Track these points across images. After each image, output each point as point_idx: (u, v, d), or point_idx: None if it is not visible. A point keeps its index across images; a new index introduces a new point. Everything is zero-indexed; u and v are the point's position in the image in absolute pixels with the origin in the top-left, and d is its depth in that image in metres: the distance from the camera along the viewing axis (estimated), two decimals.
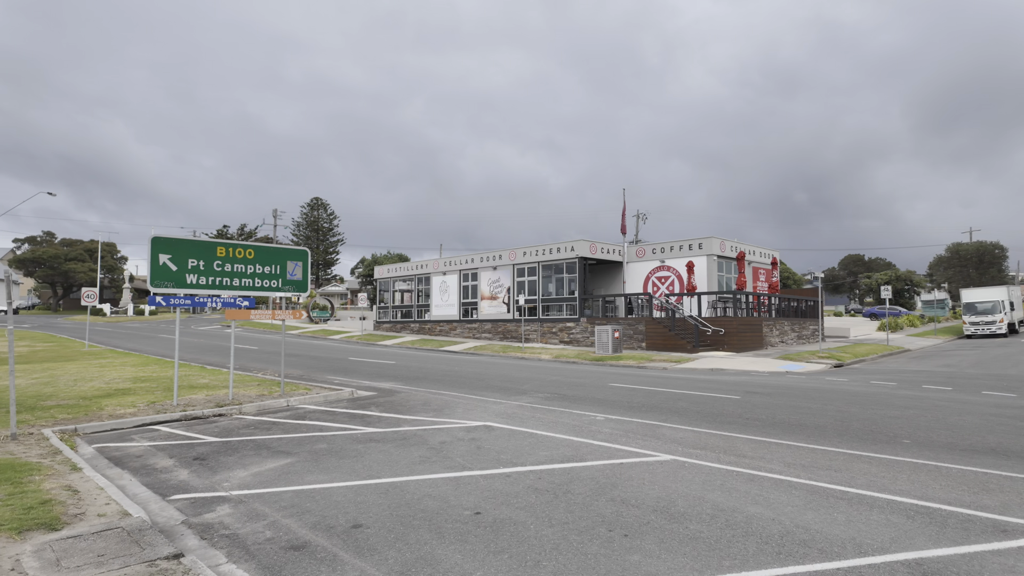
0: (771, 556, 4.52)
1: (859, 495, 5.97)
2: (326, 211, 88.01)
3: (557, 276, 34.48)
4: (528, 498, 5.98)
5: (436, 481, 6.62)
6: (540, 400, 12.81)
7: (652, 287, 33.46)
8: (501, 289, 37.29)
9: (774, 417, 10.52)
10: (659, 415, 10.80)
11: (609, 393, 13.90)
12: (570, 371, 20.01)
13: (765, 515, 5.41)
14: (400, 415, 10.92)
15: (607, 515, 5.46)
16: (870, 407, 11.64)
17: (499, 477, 6.74)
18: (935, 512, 5.44)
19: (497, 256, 37.94)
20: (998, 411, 11.17)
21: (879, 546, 4.67)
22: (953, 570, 4.21)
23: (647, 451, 7.92)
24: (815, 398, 12.93)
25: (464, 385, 15.72)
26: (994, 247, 71.48)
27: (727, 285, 32.83)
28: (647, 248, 34.95)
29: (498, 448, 8.14)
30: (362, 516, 5.54)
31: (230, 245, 12.32)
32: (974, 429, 9.35)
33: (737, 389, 14.56)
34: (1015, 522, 5.17)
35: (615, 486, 6.34)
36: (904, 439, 8.66)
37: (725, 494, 6.04)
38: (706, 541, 4.83)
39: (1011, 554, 4.47)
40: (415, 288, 43.89)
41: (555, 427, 9.66)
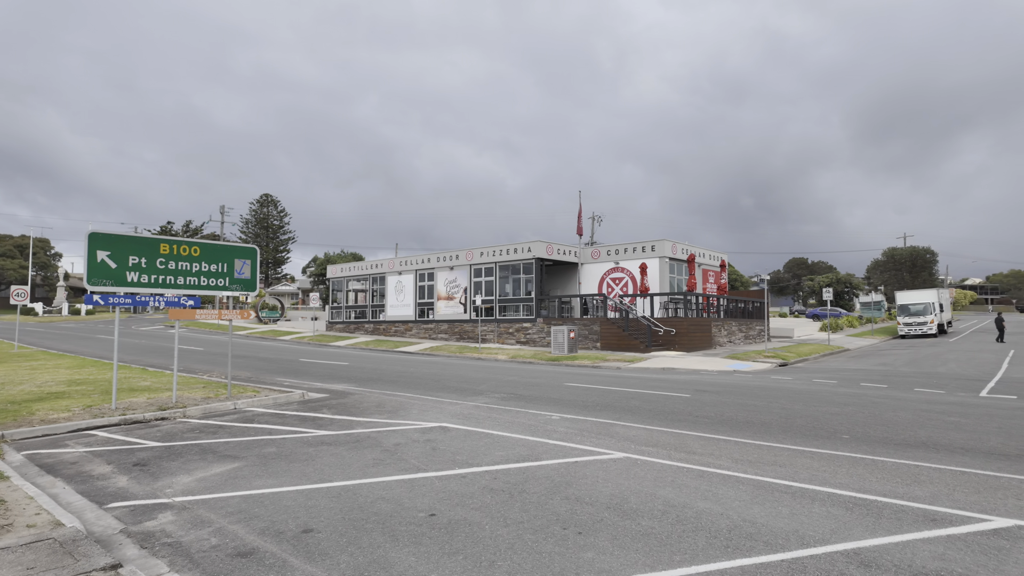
0: (719, 550, 4.64)
1: (802, 489, 6.21)
2: (276, 208, 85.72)
3: (514, 277, 34.58)
4: (483, 498, 5.97)
5: (390, 483, 6.53)
6: (496, 400, 12.81)
7: (607, 288, 33.96)
8: (458, 289, 37.13)
9: (722, 415, 10.83)
10: (613, 414, 10.96)
11: (565, 393, 14.02)
12: (526, 371, 20.09)
13: (714, 510, 5.56)
14: (353, 417, 10.73)
15: (562, 513, 5.50)
16: (812, 404, 12.13)
17: (454, 478, 6.70)
18: (871, 504, 5.71)
19: (454, 256, 37.76)
20: (929, 407, 11.82)
21: (820, 537, 4.86)
22: (888, 559, 4.43)
23: (601, 449, 8.03)
24: (761, 396, 13.38)
25: (420, 386, 15.58)
26: (926, 252, 75.73)
27: (678, 286, 33.63)
28: (602, 250, 35.44)
29: (454, 449, 8.10)
30: (313, 520, 5.41)
31: (174, 242, 11.85)
32: (907, 425, 9.86)
33: (688, 388, 14.93)
34: (943, 511, 5.47)
35: (570, 484, 6.40)
36: (843, 435, 9.05)
37: (676, 490, 6.18)
38: (658, 537, 4.93)
39: (940, 542, 4.73)
40: (370, 288, 43.23)
41: (511, 427, 9.68)
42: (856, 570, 4.23)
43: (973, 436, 8.87)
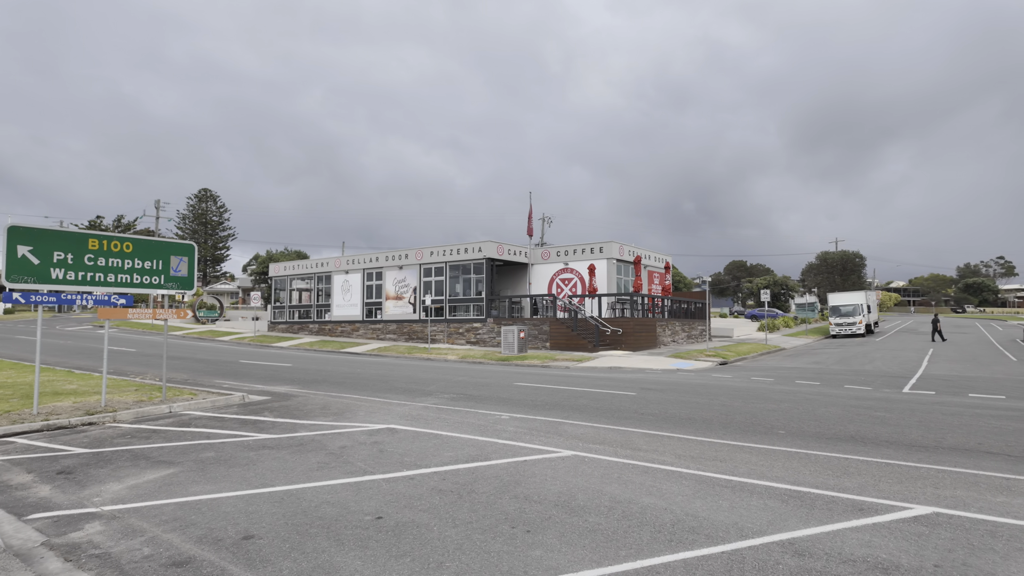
0: (663, 544, 4.76)
1: (741, 483, 6.44)
2: (216, 203, 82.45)
3: (464, 276, 34.46)
4: (432, 499, 5.92)
5: (335, 487, 6.39)
6: (446, 401, 12.74)
7: (556, 288, 34.30)
8: (407, 289, 36.70)
9: (666, 412, 11.12)
10: (562, 412, 11.08)
11: (514, 392, 14.08)
12: (476, 371, 20.05)
13: (658, 505, 5.70)
14: (297, 420, 10.44)
15: (510, 512, 5.52)
16: (751, 401, 12.61)
17: (402, 480, 6.62)
18: (805, 495, 5.99)
19: (403, 255, 37.32)
20: (857, 403, 12.49)
21: (758, 529, 5.06)
22: (820, 547, 4.65)
23: (550, 448, 8.10)
24: (703, 393, 13.82)
25: (367, 387, 15.31)
26: (855, 256, 79.99)
27: (625, 287, 34.33)
28: (552, 251, 35.78)
29: (402, 451, 8.00)
30: (254, 527, 5.23)
31: (104, 237, 11.22)
32: (837, 419, 10.39)
33: (633, 386, 15.25)
34: (870, 501, 5.79)
35: (519, 483, 6.42)
36: (780, 430, 9.45)
37: (622, 486, 6.30)
38: (604, 533, 5.01)
39: (867, 530, 5.01)
40: (315, 287, 42.17)
41: (460, 427, 9.64)
42: (791, 559, 4.43)
43: (896, 430, 9.43)
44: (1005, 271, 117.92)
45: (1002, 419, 10.46)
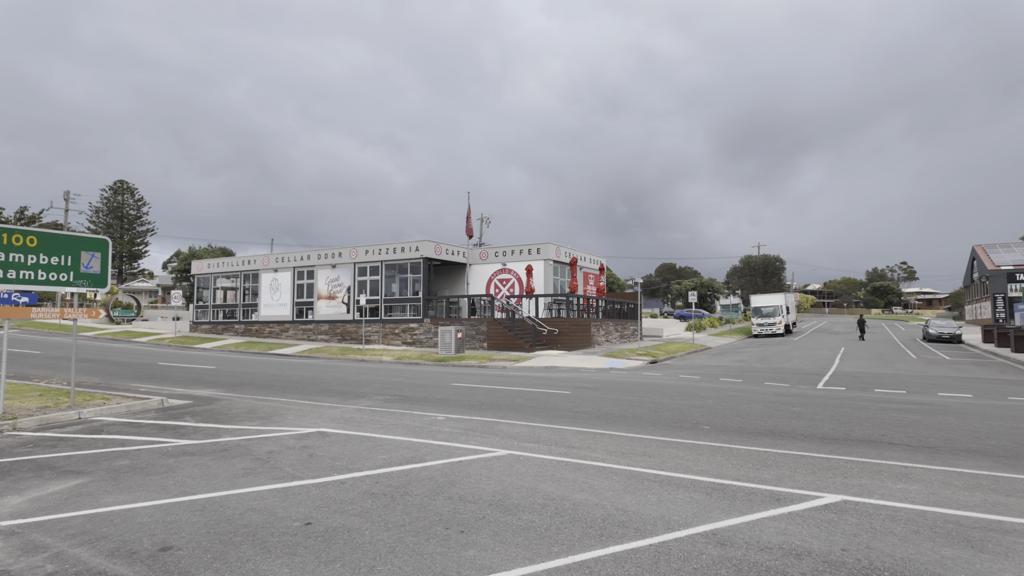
0: (594, 539, 4.87)
1: (669, 477, 6.68)
2: (133, 196, 77.60)
3: (401, 276, 33.98)
4: (364, 503, 5.80)
5: (262, 493, 6.15)
6: (380, 403, 12.52)
7: (494, 289, 34.39)
8: (341, 288, 35.81)
9: (599, 410, 11.38)
10: (498, 412, 11.13)
11: (451, 393, 14.01)
12: (412, 372, 19.82)
13: (590, 501, 5.82)
14: (221, 424, 9.98)
15: (444, 513, 5.49)
16: (679, 398, 13.09)
17: (333, 484, 6.45)
18: (728, 488, 6.28)
19: (336, 254, 36.38)
20: (776, 399, 13.21)
21: (684, 521, 5.26)
22: (740, 537, 4.89)
23: (485, 447, 8.11)
24: (634, 391, 14.23)
25: (297, 390, 14.83)
26: (776, 259, 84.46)
27: (561, 288, 34.85)
28: (490, 251, 35.85)
29: (333, 455, 7.80)
30: (173, 537, 4.96)
31: (4, 230, 10.33)
32: (758, 415, 10.95)
33: (568, 385, 15.51)
34: (786, 491, 6.14)
35: (453, 484, 6.40)
36: (705, 425, 9.87)
37: (555, 484, 6.40)
38: (537, 530, 5.07)
39: (783, 519, 5.31)
40: (241, 286, 40.45)
41: (395, 429, 9.50)
42: (714, 549, 4.63)
43: (811, 424, 10.04)
44: (908, 275, 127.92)
45: (903, 412, 11.34)
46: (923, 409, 11.75)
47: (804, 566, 4.30)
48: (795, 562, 4.37)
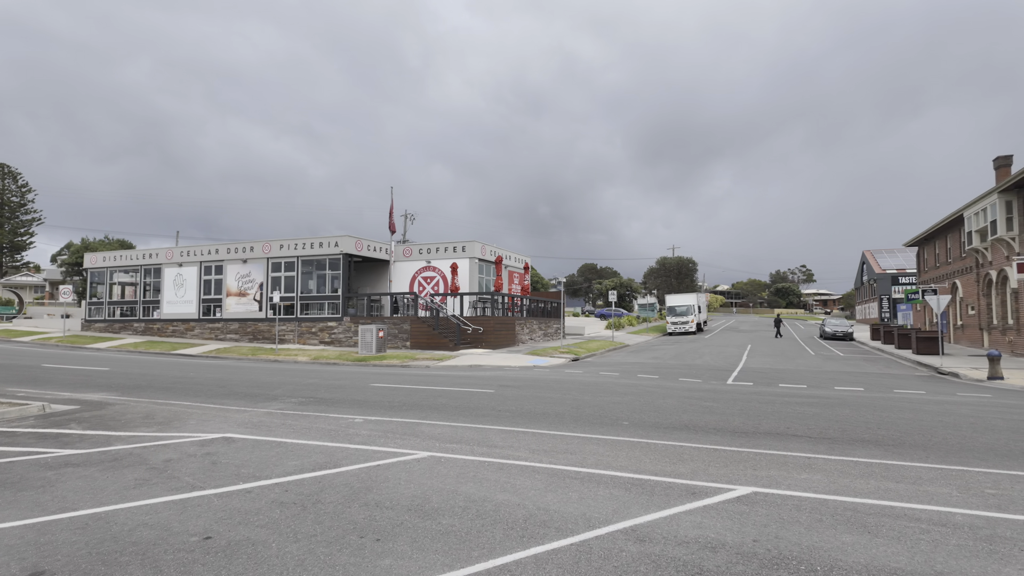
0: (516, 541, 4.77)
1: (589, 474, 6.71)
2: (16, 182, 70.26)
3: (319, 272, 32.71)
4: (271, 514, 5.42)
5: (156, 507, 5.62)
6: (293, 405, 11.91)
7: (418, 287, 33.83)
8: (252, 285, 34.03)
9: (523, 408, 11.36)
10: (419, 413, 10.85)
11: (370, 394, 13.56)
12: (330, 373, 19.08)
13: (512, 501, 5.73)
14: (112, 432, 9.12)
15: (360, 521, 5.22)
16: (599, 395, 13.32)
17: (238, 494, 6.00)
18: (646, 483, 6.37)
19: (248, 248, 34.53)
20: (690, 394, 13.72)
21: (604, 518, 5.27)
22: (658, 532, 4.94)
23: (405, 450, 7.85)
24: (557, 389, 14.35)
25: (201, 393, 13.87)
26: (689, 261, 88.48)
27: (486, 287, 34.79)
28: (414, 248, 35.23)
29: (239, 462, 7.28)
30: (46, 560, 4.40)
31: None
32: (674, 410, 11.30)
33: (492, 383, 15.43)
34: (701, 485, 6.31)
35: (370, 489, 6.12)
36: (624, 421, 10.05)
37: (477, 485, 6.26)
38: (457, 534, 4.91)
39: (698, 512, 5.43)
40: (141, 281, 37.59)
41: (308, 433, 9.03)
42: (633, 546, 4.65)
43: (722, 418, 10.47)
44: (806, 278, 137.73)
45: (804, 405, 12.07)
46: (822, 402, 12.57)
47: (719, 559, 4.39)
48: (710, 555, 4.46)
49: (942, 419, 10.42)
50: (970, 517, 5.26)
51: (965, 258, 31.33)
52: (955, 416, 10.79)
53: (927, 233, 37.38)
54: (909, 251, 60.81)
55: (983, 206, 26.89)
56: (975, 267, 29.86)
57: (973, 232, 28.25)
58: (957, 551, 4.52)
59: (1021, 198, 24.22)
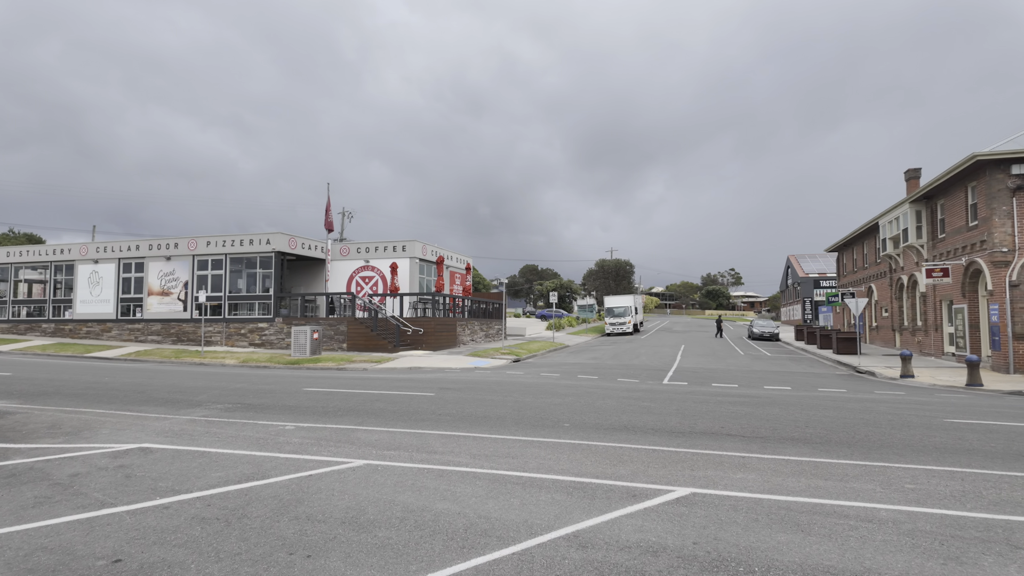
0: (456, 552, 4.60)
1: (531, 478, 6.61)
2: None
3: (249, 271, 31.32)
4: (191, 531, 5.02)
5: (58, 527, 5.10)
6: (219, 412, 11.25)
7: (356, 287, 32.96)
8: (177, 284, 32.21)
9: (463, 411, 11.17)
10: (356, 418, 10.47)
11: (303, 399, 13.01)
12: (260, 376, 18.24)
13: (452, 510, 5.55)
14: (11, 444, 8.30)
15: (289, 536, 4.90)
16: (540, 396, 13.30)
17: (154, 510, 5.54)
18: (587, 486, 6.33)
19: (173, 244, 32.67)
20: (629, 395, 13.91)
21: (546, 524, 5.17)
22: (601, 537, 4.89)
23: (340, 458, 7.52)
24: (498, 391, 14.23)
25: (116, 399, 12.92)
26: (626, 264, 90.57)
27: (427, 287, 34.31)
28: (352, 247, 34.31)
29: (156, 474, 6.75)
30: None
31: None
32: (613, 411, 11.40)
33: (432, 386, 15.15)
34: (641, 487, 6.33)
35: (301, 502, 5.79)
36: (565, 423, 10.04)
37: (415, 494, 6.04)
38: (394, 547, 4.69)
39: (640, 515, 5.43)
40: (52, 278, 34.87)
41: (235, 442, 8.52)
42: (576, 553, 4.57)
43: (660, 418, 10.64)
44: (735, 280, 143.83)
45: (737, 405, 12.46)
46: (753, 401, 13.02)
47: (661, 563, 4.37)
48: (652, 560, 4.44)
49: (863, 417, 10.98)
50: (893, 512, 5.50)
51: (880, 263, 33.46)
52: (874, 414, 11.41)
53: (846, 239, 39.70)
54: (830, 256, 64.53)
55: (896, 215, 28.78)
56: (889, 272, 31.94)
57: (887, 239, 30.19)
58: (883, 546, 4.69)
59: (929, 208, 26.07)
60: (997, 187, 20.02)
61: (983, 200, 20.73)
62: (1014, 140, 20.96)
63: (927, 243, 26.26)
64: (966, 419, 10.85)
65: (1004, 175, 19.93)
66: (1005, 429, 9.85)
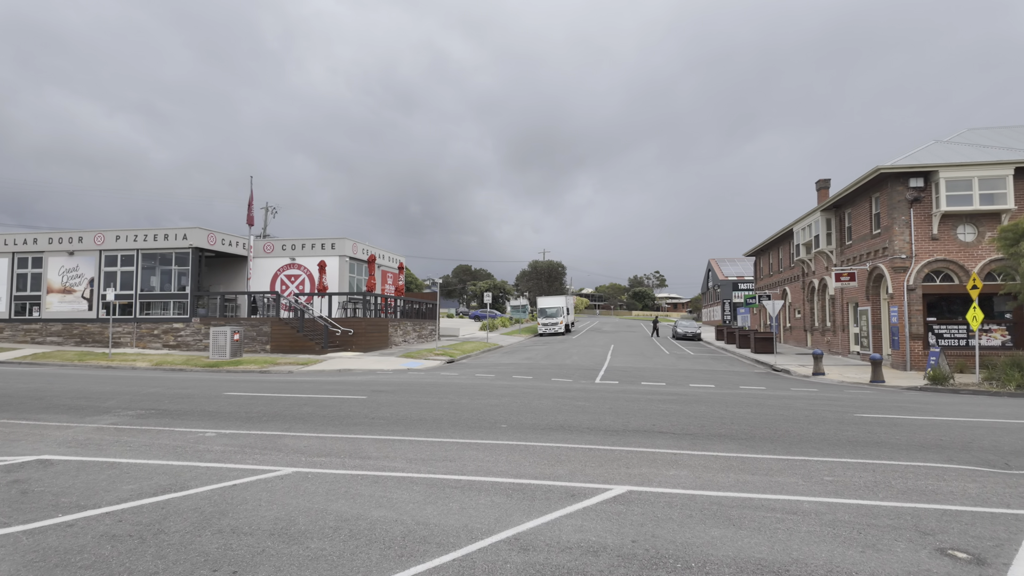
0: (394, 561, 4.44)
1: (470, 481, 6.51)
2: None
3: (164, 268, 29.43)
4: (100, 550, 4.59)
5: None
6: (131, 419, 10.46)
7: (281, 286, 31.66)
8: (81, 281, 29.84)
9: (398, 414, 10.91)
10: (282, 424, 10.00)
11: (224, 404, 12.31)
12: (175, 380, 17.15)
13: (388, 517, 5.37)
14: None
15: (212, 552, 4.58)
16: (477, 397, 13.20)
17: (55, 529, 5.03)
18: (526, 487, 6.31)
19: (76, 238, 30.24)
20: (564, 394, 14.05)
21: (486, 528, 5.09)
22: (541, 539, 4.86)
23: (266, 467, 7.13)
24: (432, 393, 14.02)
25: (10, 407, 11.77)
26: (559, 265, 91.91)
27: (358, 287, 33.43)
28: (277, 244, 32.92)
29: (58, 489, 6.16)
30: None
31: None
32: (549, 411, 11.47)
33: (364, 389, 14.73)
34: (579, 486, 6.37)
35: (225, 514, 5.43)
36: (502, 424, 10.00)
37: (349, 502, 5.80)
38: (328, 559, 4.47)
39: (579, 515, 5.45)
40: None
41: (149, 451, 7.92)
42: (517, 556, 4.52)
43: (594, 417, 10.80)
44: (660, 282, 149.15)
45: (666, 403, 12.84)
46: (681, 399, 13.47)
47: (601, 563, 4.39)
48: (593, 560, 4.45)
49: (783, 413, 11.59)
50: (815, 504, 5.80)
51: (794, 268, 35.59)
52: (792, 410, 12.06)
53: (763, 245, 41.99)
54: (748, 260, 68.03)
55: (809, 222, 30.70)
56: (801, 276, 34.03)
57: (800, 245, 32.15)
58: (808, 537, 4.92)
59: (838, 216, 27.97)
60: (897, 198, 21.74)
61: (885, 210, 22.45)
62: (912, 155, 22.84)
63: (836, 249, 28.16)
64: (873, 413, 11.67)
65: (903, 187, 21.67)
66: (907, 422, 10.66)
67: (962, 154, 22.44)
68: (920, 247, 21.44)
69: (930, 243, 21.40)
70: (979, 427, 10.27)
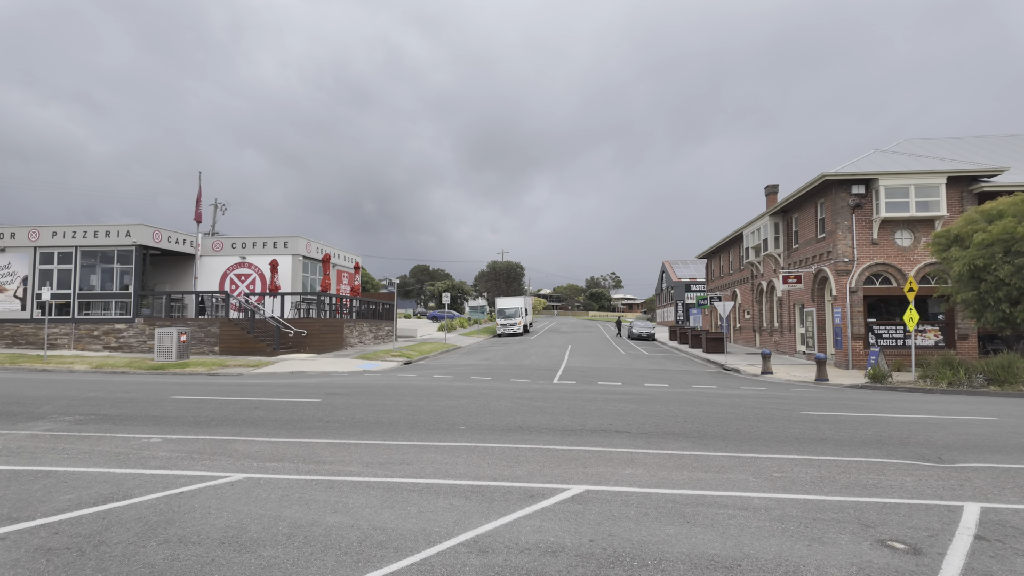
0: (350, 567, 4.36)
1: (428, 484, 6.45)
2: None
3: (105, 266, 28.12)
4: (35, 565, 4.35)
5: None
6: (68, 425, 9.94)
7: (230, 285, 30.69)
8: (13, 279, 28.23)
9: (353, 417, 10.72)
10: (232, 428, 9.69)
11: (170, 408, 11.84)
12: (117, 384, 16.40)
13: (344, 523, 5.27)
14: None
15: (158, 563, 4.39)
16: (434, 399, 13.11)
17: None
18: (485, 489, 6.29)
19: (8, 234, 28.59)
20: (521, 395, 14.09)
21: (445, 532, 5.06)
22: (500, 541, 4.86)
23: (216, 472, 6.90)
24: (389, 395, 13.84)
25: None
26: (517, 266, 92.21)
27: (312, 286, 32.72)
28: (227, 242, 31.89)
29: None
30: None
31: None
32: (507, 412, 11.49)
33: (318, 391, 14.42)
34: (538, 487, 6.40)
35: (171, 523, 5.22)
36: (461, 425, 9.96)
37: (303, 508, 5.67)
38: (282, 567, 4.36)
39: (538, 516, 5.47)
40: None
41: (88, 459, 7.55)
42: (476, 559, 4.51)
43: (552, 417, 10.87)
44: (615, 283, 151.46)
45: (622, 402, 13.04)
46: (636, 399, 13.71)
47: (560, 563, 4.43)
48: (552, 560, 4.48)
49: (733, 411, 11.94)
50: (765, 500, 5.99)
51: (743, 270, 36.72)
52: (743, 408, 12.44)
53: (714, 248, 43.16)
54: (700, 262, 69.82)
55: (758, 226, 31.73)
56: (751, 278, 35.14)
57: (750, 248, 33.20)
58: (758, 532, 5.08)
59: (786, 221, 29.01)
60: (841, 204, 22.71)
61: (830, 215, 23.42)
62: (855, 163, 23.91)
63: (783, 252, 29.20)
64: (819, 411, 12.15)
65: (846, 194, 22.67)
66: (850, 419, 11.14)
67: (900, 163, 23.64)
68: (861, 251, 22.45)
69: (871, 247, 22.45)
70: (915, 423, 10.82)
